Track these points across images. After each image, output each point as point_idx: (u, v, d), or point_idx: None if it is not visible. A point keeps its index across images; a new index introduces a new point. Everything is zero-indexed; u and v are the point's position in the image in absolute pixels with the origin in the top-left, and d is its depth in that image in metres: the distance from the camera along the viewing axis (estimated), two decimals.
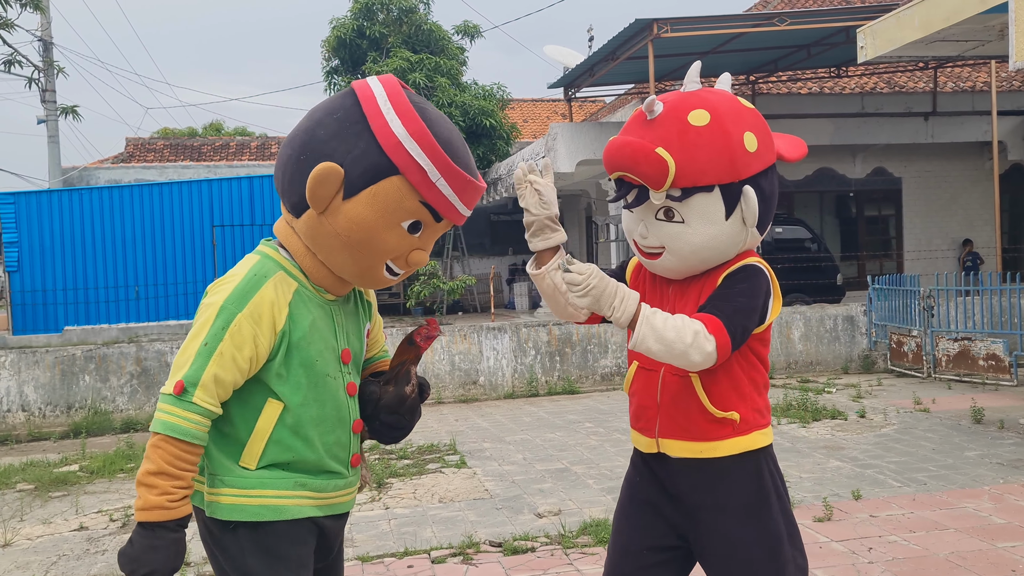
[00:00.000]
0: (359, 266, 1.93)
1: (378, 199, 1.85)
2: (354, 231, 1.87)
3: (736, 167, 2.00)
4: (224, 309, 1.86)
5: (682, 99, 2.06)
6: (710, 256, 2.07)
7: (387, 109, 1.86)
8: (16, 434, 8.57)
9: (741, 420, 2.07)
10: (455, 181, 1.89)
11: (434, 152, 1.85)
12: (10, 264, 17.94)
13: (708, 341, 1.92)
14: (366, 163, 1.84)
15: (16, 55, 8.99)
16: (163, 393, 1.84)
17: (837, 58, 15.31)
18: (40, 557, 4.68)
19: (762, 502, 2.09)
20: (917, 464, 5.89)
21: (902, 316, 10.22)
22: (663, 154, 1.96)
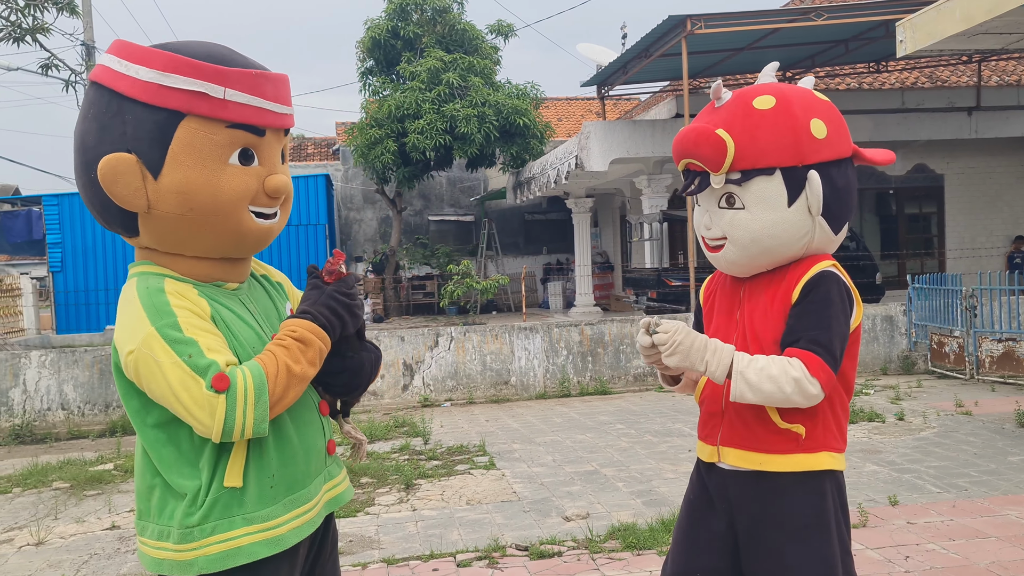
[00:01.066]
0: (224, 232, 1.73)
1: (186, 153, 1.65)
2: (192, 200, 1.67)
3: (800, 150, 1.94)
4: (162, 328, 1.61)
5: (752, 88, 2.04)
6: (773, 245, 1.97)
7: (125, 66, 1.66)
8: (56, 432, 8.71)
9: (807, 436, 1.97)
10: (243, 84, 1.68)
11: (200, 70, 1.65)
12: (54, 265, 18.29)
13: (812, 384, 1.86)
14: (146, 128, 1.64)
15: (53, 59, 9.13)
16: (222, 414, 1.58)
17: (876, 53, 15.03)
18: (72, 556, 4.74)
19: (822, 527, 1.98)
20: (958, 469, 5.73)
21: (943, 316, 9.98)
22: (722, 134, 1.93)
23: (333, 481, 1.91)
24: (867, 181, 17.73)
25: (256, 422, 1.62)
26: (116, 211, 1.70)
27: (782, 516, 1.98)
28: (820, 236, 2.00)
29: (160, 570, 1.72)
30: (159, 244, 1.74)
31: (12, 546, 4.96)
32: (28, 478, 6.52)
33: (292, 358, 1.68)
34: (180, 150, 1.65)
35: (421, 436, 7.40)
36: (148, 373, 1.60)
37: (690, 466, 2.26)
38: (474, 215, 24.43)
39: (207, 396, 1.58)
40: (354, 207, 24.32)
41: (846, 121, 2.09)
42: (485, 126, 17.67)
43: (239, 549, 1.70)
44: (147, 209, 1.68)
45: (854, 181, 2.07)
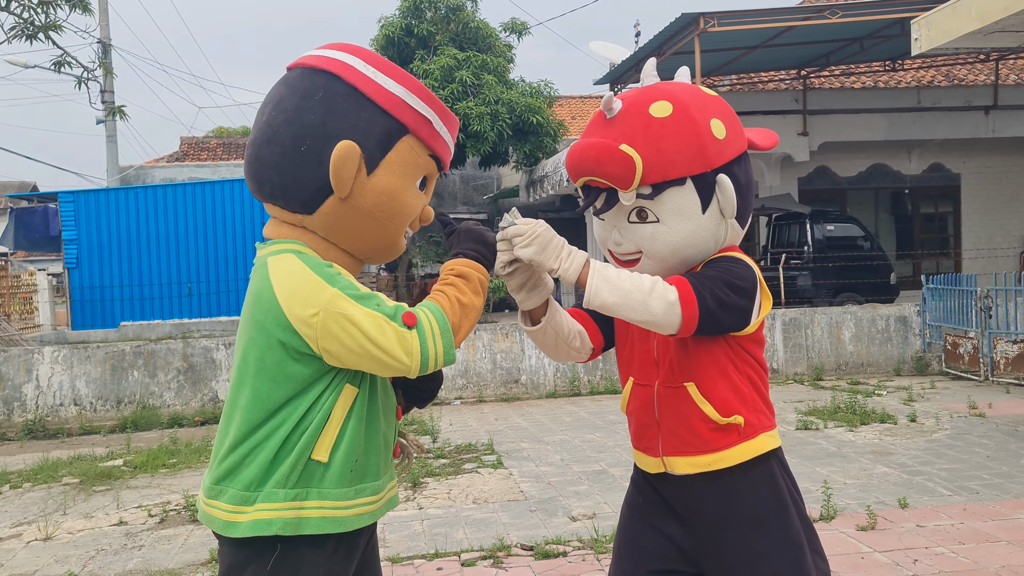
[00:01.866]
0: (388, 239, 1.90)
1: (398, 164, 1.84)
2: (385, 204, 1.83)
3: (707, 156, 1.89)
4: (343, 289, 1.74)
5: (642, 93, 1.96)
6: (691, 255, 1.95)
7: (374, 73, 1.83)
8: (68, 428, 8.77)
9: (746, 423, 1.96)
10: (451, 124, 1.92)
11: (432, 100, 1.87)
12: (69, 261, 18.42)
13: (669, 290, 1.81)
14: (377, 131, 1.81)
15: (65, 56, 9.18)
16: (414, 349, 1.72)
17: (892, 51, 14.91)
18: (79, 551, 4.76)
19: (780, 510, 1.97)
20: (970, 472, 5.67)
21: (958, 316, 9.89)
22: (627, 150, 1.86)
23: (392, 482, 1.98)
24: (883, 180, 17.61)
25: (445, 350, 1.76)
26: (310, 187, 1.80)
27: (742, 511, 1.96)
28: (731, 235, 1.99)
29: (234, 532, 1.78)
30: (327, 229, 1.85)
31: (20, 541, 4.99)
32: (38, 473, 6.57)
33: (459, 291, 1.82)
34: (395, 159, 1.84)
35: (429, 434, 7.40)
36: (339, 329, 1.71)
37: None
38: (487, 213, 24.43)
39: (401, 334, 1.71)
40: None
41: (862, 120, 2.06)
42: (498, 124, 17.64)
43: (307, 520, 1.77)
44: (345, 197, 1.81)
45: (752, 174, 2.04)
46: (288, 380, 1.78)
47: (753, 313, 1.94)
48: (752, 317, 1.94)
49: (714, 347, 1.95)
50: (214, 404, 9.08)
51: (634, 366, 2.09)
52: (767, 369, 2.06)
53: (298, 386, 1.78)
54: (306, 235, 1.86)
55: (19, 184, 35.75)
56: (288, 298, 1.74)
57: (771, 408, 2.05)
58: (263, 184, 1.86)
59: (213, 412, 8.95)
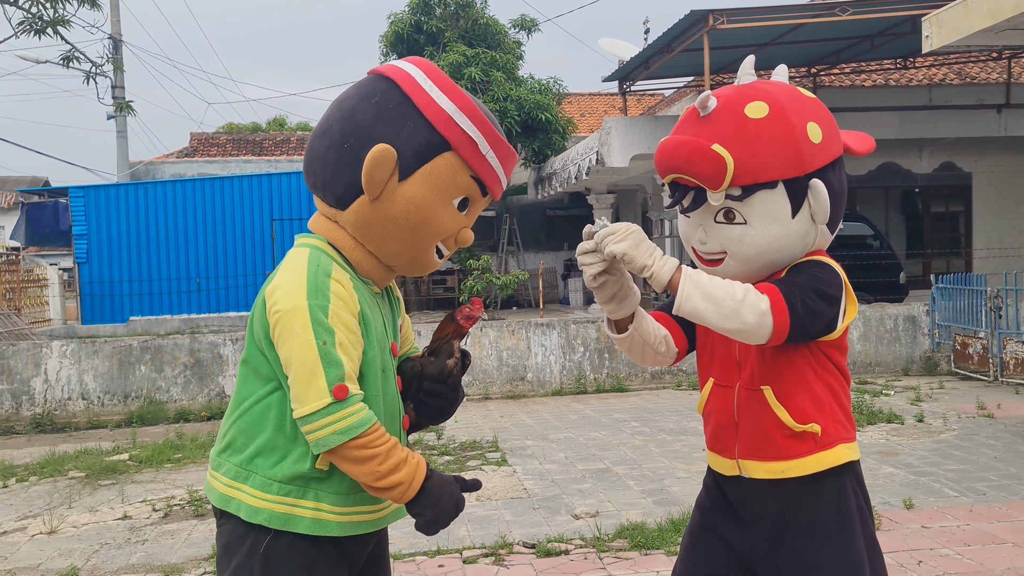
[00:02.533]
0: (414, 251, 1.90)
1: (433, 177, 1.83)
2: (412, 213, 1.83)
3: (801, 160, 1.85)
4: (312, 308, 1.75)
5: (738, 92, 1.92)
6: (777, 258, 1.91)
7: (430, 87, 1.85)
8: (76, 422, 8.81)
9: (823, 433, 1.92)
10: (501, 152, 1.89)
11: (483, 124, 1.86)
12: (79, 256, 18.50)
13: (761, 299, 1.76)
14: (418, 141, 1.83)
15: (74, 51, 9.20)
16: (313, 412, 1.70)
17: (903, 49, 14.81)
18: (83, 545, 4.77)
19: (845, 524, 1.92)
20: (977, 473, 5.63)
21: (967, 316, 9.82)
22: (720, 150, 1.82)
23: None
24: (893, 179, 17.51)
25: (319, 441, 1.72)
26: (345, 183, 1.84)
27: (806, 519, 1.93)
28: (820, 240, 1.96)
29: (228, 507, 1.83)
30: (355, 228, 1.87)
31: (25, 534, 5.01)
32: (45, 467, 6.60)
33: (393, 461, 1.75)
34: (431, 172, 1.84)
35: (434, 431, 7.40)
36: (284, 336, 1.74)
37: (703, 465, 2.19)
38: (495, 210, 24.40)
39: (320, 390, 1.71)
40: None
41: (873, 118, 2.03)
42: (507, 121, 17.63)
43: (300, 518, 1.80)
44: (375, 199, 1.84)
45: (846, 180, 2.00)
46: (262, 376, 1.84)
47: (839, 320, 1.91)
48: (838, 324, 1.91)
49: (795, 353, 1.92)
50: (220, 399, 9.11)
51: (715, 367, 2.07)
52: (849, 378, 2.02)
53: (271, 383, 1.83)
54: (338, 231, 1.90)
55: (31, 179, 35.97)
56: (275, 290, 1.79)
57: (851, 419, 2.00)
58: (310, 174, 1.92)
59: (219, 407, 8.97)
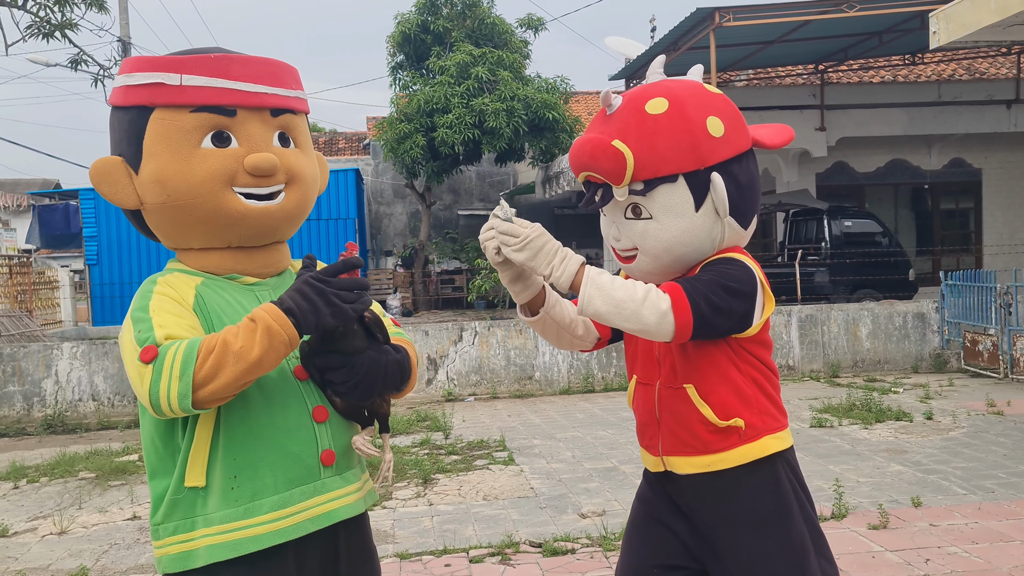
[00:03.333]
0: (211, 214, 1.74)
1: (156, 144, 1.72)
2: (167, 186, 1.72)
3: (700, 153, 1.88)
4: (133, 312, 1.67)
5: (642, 90, 1.96)
6: (685, 252, 1.93)
7: (115, 81, 1.82)
8: (86, 423, 8.86)
9: (747, 426, 1.94)
10: (201, 69, 1.73)
11: (156, 64, 1.73)
12: (90, 258, 18.60)
13: (662, 299, 1.78)
14: (124, 129, 1.76)
15: (82, 54, 9.26)
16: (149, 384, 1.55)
17: (911, 45, 14.76)
18: (93, 546, 4.81)
19: (783, 512, 1.95)
20: (986, 471, 5.61)
21: (977, 313, 9.78)
22: (619, 146, 1.86)
23: (329, 495, 1.77)
24: (902, 176, 17.44)
25: (180, 395, 1.54)
26: (130, 216, 1.81)
27: (742, 511, 1.95)
28: (730, 234, 1.96)
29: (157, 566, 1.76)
30: (166, 240, 1.81)
31: (36, 535, 5.05)
32: (55, 468, 6.64)
33: (233, 334, 1.59)
34: (152, 142, 1.73)
35: (442, 430, 7.41)
36: (121, 350, 1.67)
37: None
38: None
39: (138, 367, 1.57)
40: (384, 201, 24.44)
41: (881, 115, 2.04)
42: (514, 120, 17.63)
43: (196, 551, 1.67)
44: (139, 205, 1.77)
45: (756, 173, 2.01)
46: (146, 423, 1.74)
47: (754, 315, 1.92)
48: (753, 320, 1.92)
49: (715, 350, 1.93)
50: None
51: (638, 364, 2.10)
52: (776, 371, 2.03)
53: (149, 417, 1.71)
54: (179, 253, 1.84)
55: (42, 182, 36.13)
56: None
57: (781, 409, 2.02)
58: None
59: None
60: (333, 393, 1.78)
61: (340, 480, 1.80)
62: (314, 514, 1.74)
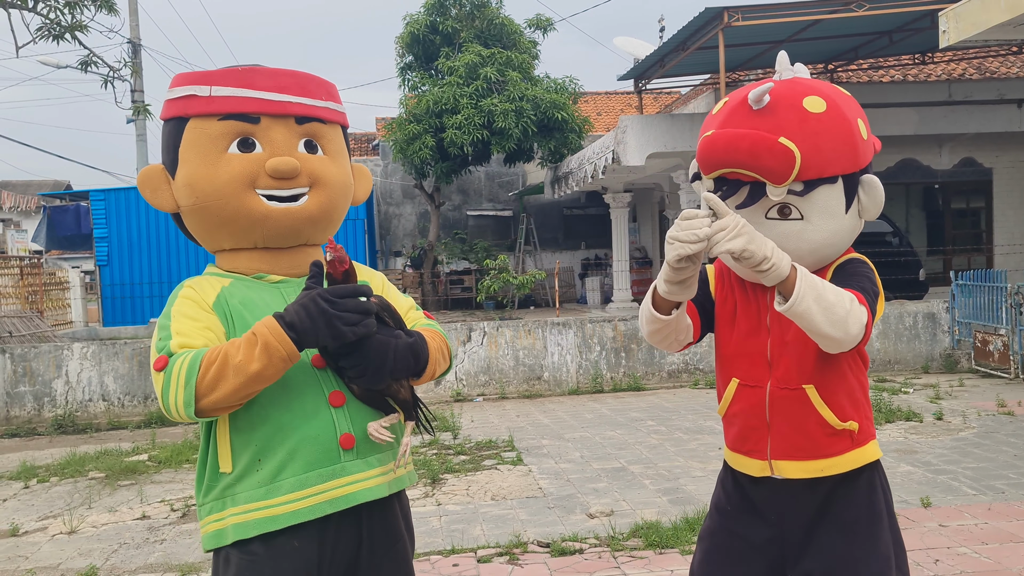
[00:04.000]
0: (236, 216, 1.86)
1: (189, 150, 1.88)
2: (196, 189, 1.87)
3: (857, 155, 1.88)
4: (161, 317, 1.81)
5: (791, 86, 1.90)
6: (828, 254, 1.92)
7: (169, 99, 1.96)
8: (96, 423, 8.90)
9: (859, 430, 1.92)
10: (228, 80, 1.88)
11: (189, 78, 1.90)
12: (100, 259, 18.68)
13: (863, 312, 1.73)
14: (165, 141, 1.94)
15: (92, 56, 9.31)
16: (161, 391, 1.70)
17: (922, 44, 14.67)
18: (102, 545, 4.83)
19: (873, 520, 1.93)
20: (996, 471, 5.58)
21: (988, 313, 9.72)
22: (788, 144, 1.78)
23: (349, 478, 1.82)
24: (912, 175, 17.35)
25: (184, 403, 1.68)
26: (174, 218, 1.97)
27: (838, 515, 1.93)
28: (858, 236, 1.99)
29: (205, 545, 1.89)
30: (202, 241, 1.95)
31: (46, 534, 5.08)
32: (65, 467, 6.67)
33: (235, 347, 1.70)
34: (185, 149, 1.89)
35: (450, 431, 7.42)
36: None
37: (719, 464, 2.17)
38: (512, 210, 24.41)
39: (153, 373, 1.74)
40: (393, 202, 24.46)
41: (891, 114, 2.05)
42: (523, 121, 17.63)
43: (223, 531, 1.81)
44: (176, 208, 1.93)
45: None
46: None
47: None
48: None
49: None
50: None
51: (740, 365, 2.01)
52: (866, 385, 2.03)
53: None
54: (218, 258, 1.99)
55: (53, 183, 36.34)
56: None
57: (872, 415, 2.02)
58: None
59: None
60: (347, 379, 1.84)
61: (362, 464, 1.86)
62: (332, 496, 1.82)
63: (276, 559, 1.79)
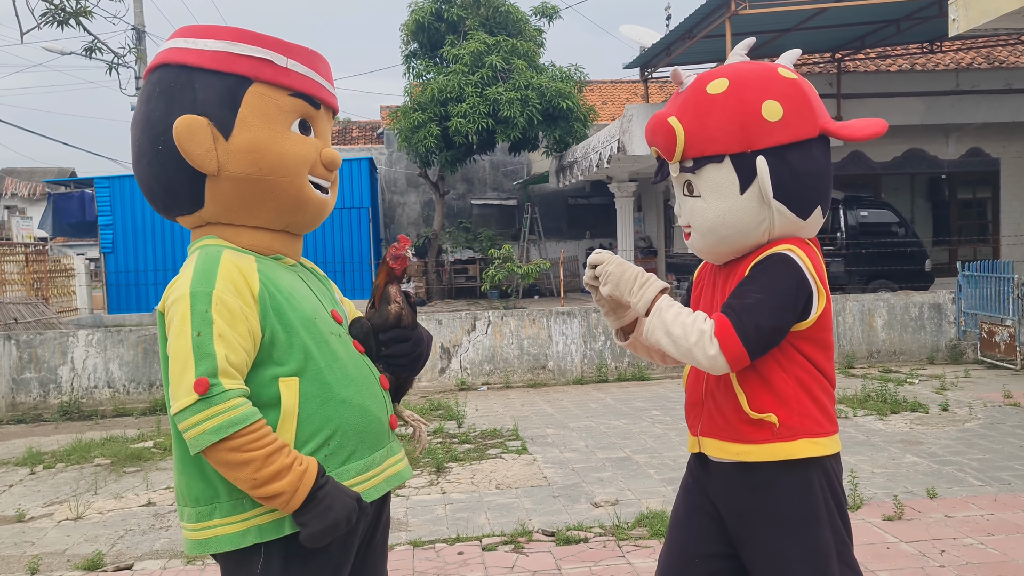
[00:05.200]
0: (289, 197, 1.81)
1: (255, 115, 1.76)
2: (259, 160, 1.75)
3: (748, 135, 1.87)
4: (195, 295, 1.65)
5: (713, 71, 1.99)
6: (729, 234, 1.94)
7: (193, 42, 1.77)
8: (102, 410, 8.92)
9: (782, 425, 1.91)
10: (302, 57, 1.83)
11: (264, 40, 1.79)
12: (105, 246, 18.70)
13: (711, 344, 1.81)
14: (216, 93, 1.74)
15: (96, 42, 9.28)
16: (182, 409, 1.59)
17: (929, 33, 14.59)
18: (108, 531, 4.84)
19: (809, 518, 1.93)
20: (1002, 462, 5.56)
21: (994, 304, 9.69)
22: (673, 122, 1.91)
23: (394, 458, 1.91)
24: (918, 165, 17.28)
25: (193, 442, 1.60)
26: (184, 181, 1.75)
27: (770, 509, 1.94)
28: (781, 222, 1.93)
29: (207, 549, 1.73)
30: (224, 213, 1.79)
31: (52, 520, 5.09)
32: (71, 454, 6.69)
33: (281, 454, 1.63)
34: (249, 113, 1.75)
35: (455, 419, 7.42)
36: (169, 329, 1.67)
37: None
38: (517, 199, 24.37)
39: (188, 385, 1.60)
40: (398, 190, 24.43)
41: (898, 104, 2.02)
42: (528, 109, 17.57)
43: (285, 519, 1.70)
44: (217, 171, 1.74)
45: (823, 163, 1.97)
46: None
47: (812, 308, 1.89)
48: (811, 312, 1.90)
49: None
50: None
51: None
52: (831, 378, 1.99)
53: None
54: (214, 228, 1.82)
55: (58, 170, 36.38)
56: (167, 291, 1.73)
57: (829, 416, 1.98)
58: (155, 201, 1.83)
59: None
60: (389, 368, 1.96)
61: (397, 445, 1.95)
62: (387, 475, 1.87)
63: (340, 548, 1.77)
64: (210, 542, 1.71)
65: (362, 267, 18.48)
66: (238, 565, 1.73)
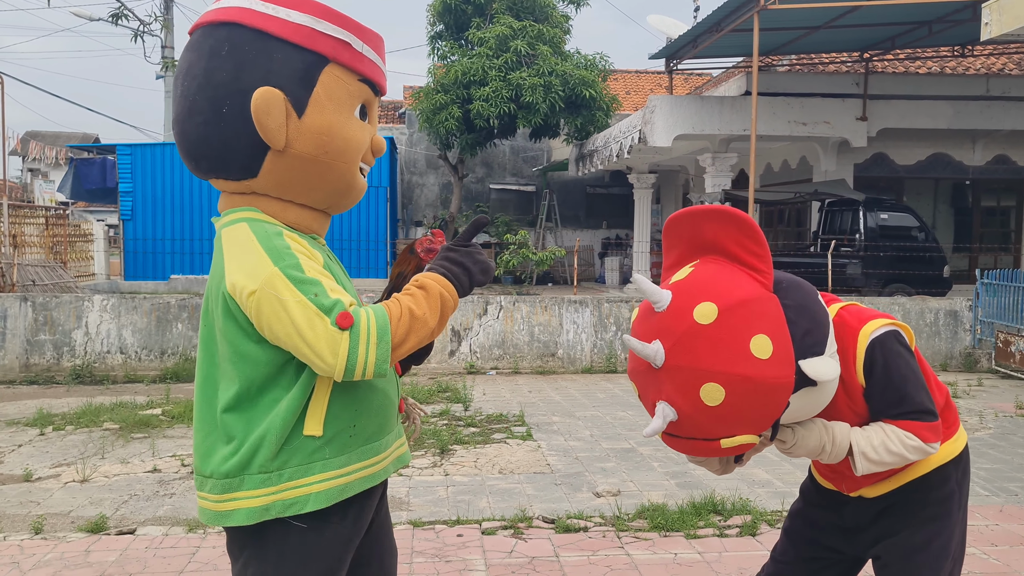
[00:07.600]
0: (343, 181, 1.80)
1: (329, 97, 1.72)
2: (327, 143, 1.72)
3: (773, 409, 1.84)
4: (284, 269, 1.63)
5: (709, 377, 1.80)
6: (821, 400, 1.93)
7: (274, 9, 1.69)
8: (113, 375, 8.99)
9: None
10: (372, 42, 1.80)
11: (346, 22, 1.74)
12: (124, 213, 18.81)
13: (932, 448, 1.89)
14: (295, 68, 1.69)
15: (123, 9, 9.29)
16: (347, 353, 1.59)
17: (961, 36, 14.38)
18: (113, 495, 4.88)
19: (943, 514, 2.02)
20: (1011, 473, 5.52)
21: (1012, 314, 9.59)
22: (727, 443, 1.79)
23: (399, 440, 1.93)
24: (943, 170, 17.10)
25: (378, 362, 1.63)
26: (244, 148, 1.69)
27: (906, 503, 2.04)
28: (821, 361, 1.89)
29: (228, 521, 1.71)
30: (276, 187, 1.75)
31: (59, 481, 5.14)
32: (81, 417, 6.75)
33: (415, 303, 1.70)
34: (323, 94, 1.72)
35: (462, 402, 7.43)
36: (271, 313, 1.61)
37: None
38: (535, 185, 24.32)
39: (331, 333, 1.59)
40: (417, 171, 24.43)
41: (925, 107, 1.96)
42: (551, 96, 17.49)
43: (309, 496, 1.70)
44: (283, 147, 1.70)
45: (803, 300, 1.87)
46: (245, 361, 1.69)
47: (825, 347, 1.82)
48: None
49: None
50: None
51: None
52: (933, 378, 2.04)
53: (260, 368, 1.69)
54: (258, 200, 1.76)
55: (82, 136, 36.58)
56: (233, 273, 1.65)
57: (952, 412, 2.08)
58: (199, 161, 1.76)
59: None
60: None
61: (400, 428, 1.95)
62: (394, 458, 1.88)
63: (357, 519, 1.80)
64: (234, 514, 1.69)
65: (378, 246, 18.51)
66: (252, 536, 1.72)
